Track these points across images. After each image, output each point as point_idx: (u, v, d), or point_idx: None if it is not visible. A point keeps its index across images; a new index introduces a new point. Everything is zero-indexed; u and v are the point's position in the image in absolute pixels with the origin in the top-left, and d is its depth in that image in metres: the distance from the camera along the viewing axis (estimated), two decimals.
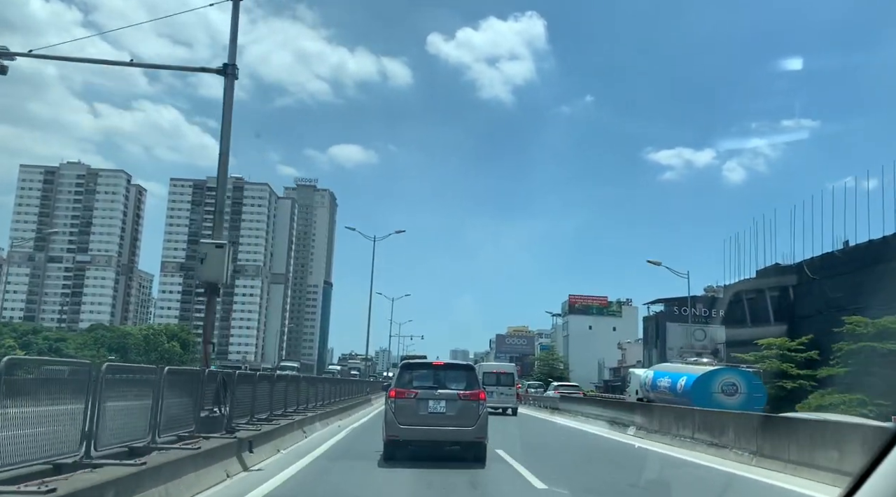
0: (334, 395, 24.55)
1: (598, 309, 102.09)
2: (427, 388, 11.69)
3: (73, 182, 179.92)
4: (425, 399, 11.45)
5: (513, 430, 21.55)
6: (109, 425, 6.73)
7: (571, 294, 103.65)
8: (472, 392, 11.61)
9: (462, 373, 12.31)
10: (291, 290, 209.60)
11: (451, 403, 11.41)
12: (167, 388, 8.21)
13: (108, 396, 6.64)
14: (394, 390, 11.72)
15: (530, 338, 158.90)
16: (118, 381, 7.21)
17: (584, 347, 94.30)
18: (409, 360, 16.92)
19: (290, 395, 16.41)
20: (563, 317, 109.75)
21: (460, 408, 11.39)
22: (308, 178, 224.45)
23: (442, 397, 11.47)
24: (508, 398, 30.86)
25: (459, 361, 17.91)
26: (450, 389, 11.65)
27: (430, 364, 13.09)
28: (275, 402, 14.41)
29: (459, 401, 11.43)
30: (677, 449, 15.78)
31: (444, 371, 12.34)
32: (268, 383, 14.39)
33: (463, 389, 11.62)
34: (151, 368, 8.57)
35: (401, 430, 11.29)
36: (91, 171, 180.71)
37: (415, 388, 11.66)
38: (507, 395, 30.80)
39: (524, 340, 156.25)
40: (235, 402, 11.13)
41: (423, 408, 11.39)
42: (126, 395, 7.32)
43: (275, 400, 14.44)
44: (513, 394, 31.42)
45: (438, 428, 11.30)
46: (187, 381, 9.73)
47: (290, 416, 15.33)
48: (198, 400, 9.64)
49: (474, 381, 12.06)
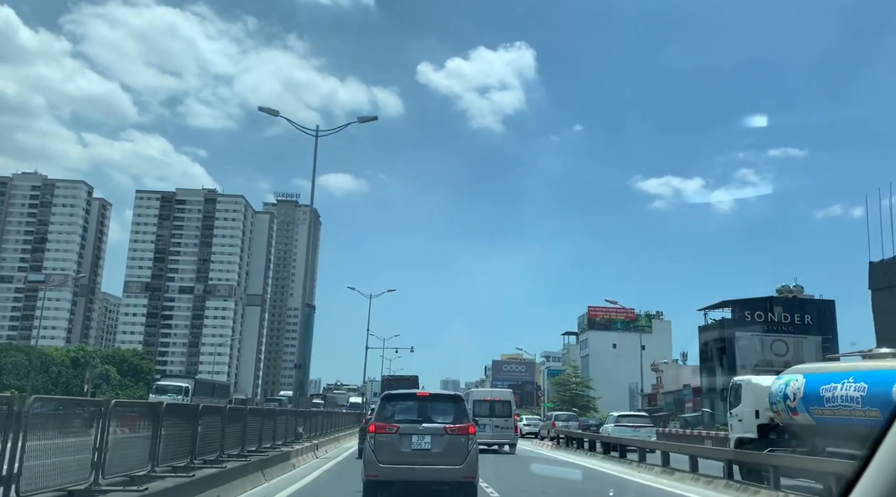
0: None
1: (623, 323, 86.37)
2: (410, 421, 10.47)
3: (26, 193, 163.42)
4: (408, 434, 10.25)
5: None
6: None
7: (591, 306, 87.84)
8: (461, 425, 10.45)
9: (450, 404, 10.98)
10: (269, 313, 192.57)
11: (436, 439, 10.26)
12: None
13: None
14: (373, 425, 10.62)
15: (530, 364, 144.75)
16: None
17: (608, 369, 78.27)
18: (392, 381, 21.77)
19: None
20: (578, 335, 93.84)
21: (447, 444, 10.26)
22: (289, 193, 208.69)
23: (427, 432, 10.30)
24: (505, 432, 26.22)
25: (446, 392, 13.59)
26: (436, 423, 10.45)
27: (413, 395, 11.93)
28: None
29: (446, 435, 10.30)
30: None
31: (430, 402, 11.06)
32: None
33: (450, 423, 10.46)
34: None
35: (381, 469, 10.12)
36: (48, 182, 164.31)
37: (397, 421, 10.46)
38: (502, 428, 26.10)
39: (523, 367, 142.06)
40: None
41: (406, 444, 10.22)
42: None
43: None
44: (510, 426, 26.76)
45: (423, 467, 10.16)
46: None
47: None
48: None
49: (463, 413, 10.83)
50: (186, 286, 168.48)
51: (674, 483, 15.48)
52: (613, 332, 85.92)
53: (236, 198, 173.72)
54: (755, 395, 19.41)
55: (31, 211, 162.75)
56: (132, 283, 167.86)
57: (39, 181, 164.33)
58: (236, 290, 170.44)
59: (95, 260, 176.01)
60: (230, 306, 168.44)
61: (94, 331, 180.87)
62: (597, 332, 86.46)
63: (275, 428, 16.43)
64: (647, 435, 34.19)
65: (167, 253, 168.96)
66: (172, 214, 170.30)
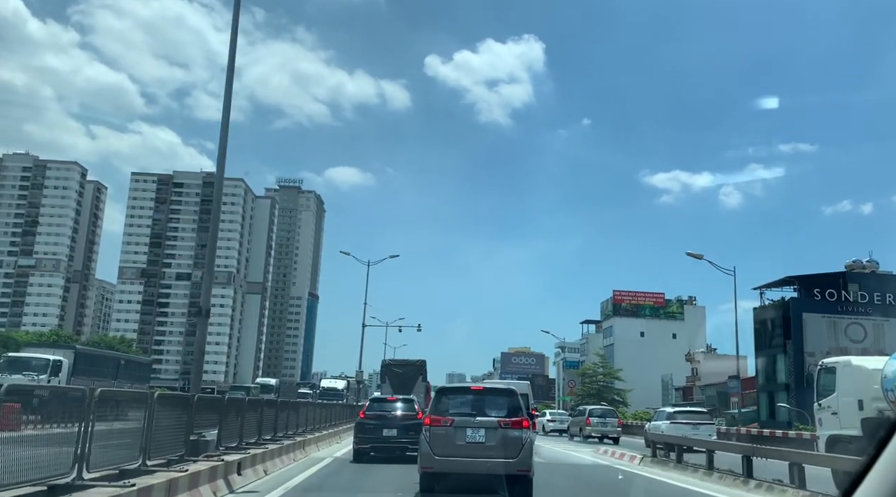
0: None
1: (652, 309, 78.50)
2: (465, 415, 10.62)
3: (17, 175, 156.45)
4: (462, 427, 10.42)
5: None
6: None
7: (616, 290, 79.88)
8: (515, 419, 10.48)
9: (504, 398, 11.01)
10: (271, 301, 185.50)
11: (490, 432, 10.37)
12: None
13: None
14: (429, 418, 10.73)
15: (540, 357, 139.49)
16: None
17: (636, 360, 70.59)
18: (393, 366, 23.03)
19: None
20: (601, 322, 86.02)
21: (501, 437, 10.34)
22: (292, 179, 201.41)
23: (481, 425, 10.41)
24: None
25: (501, 386, 13.78)
26: (489, 417, 10.55)
27: (468, 388, 12.08)
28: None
29: (500, 429, 10.38)
30: None
31: (484, 396, 11.28)
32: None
33: (504, 417, 10.51)
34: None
35: (436, 461, 10.31)
36: (39, 163, 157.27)
37: (451, 415, 10.64)
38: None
39: (533, 359, 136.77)
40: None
41: (461, 437, 10.39)
42: None
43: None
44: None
45: (477, 459, 10.29)
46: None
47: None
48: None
49: (517, 407, 10.76)
50: (184, 272, 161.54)
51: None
52: (641, 318, 78.09)
53: (236, 181, 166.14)
54: (858, 380, 14.46)
55: (22, 193, 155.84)
56: (127, 269, 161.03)
57: (30, 162, 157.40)
58: (236, 278, 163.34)
59: (90, 245, 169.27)
60: (229, 294, 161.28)
61: (89, 319, 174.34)
62: (622, 318, 78.61)
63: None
64: (708, 434, 28.80)
65: (164, 238, 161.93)
66: (170, 198, 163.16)
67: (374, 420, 16.90)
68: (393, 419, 16.94)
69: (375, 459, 16.27)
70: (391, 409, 17.71)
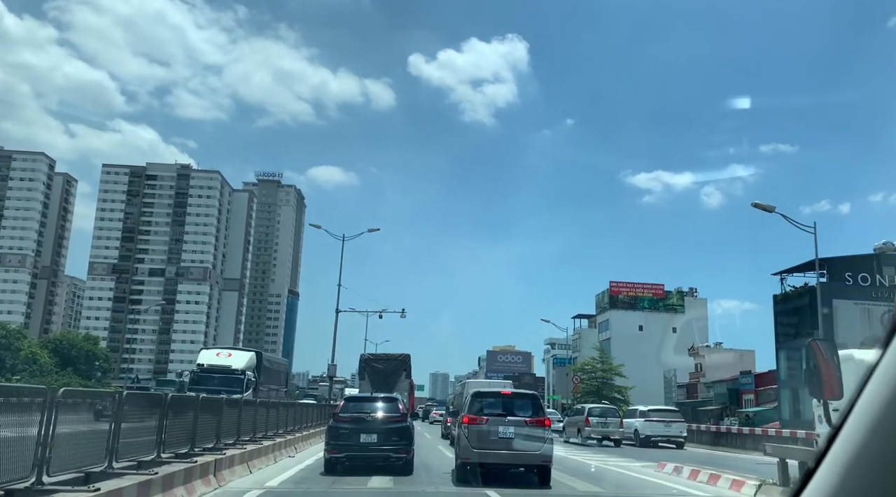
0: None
1: (650, 302, 74.16)
2: (496, 415, 12.74)
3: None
4: (495, 425, 12.49)
5: None
6: None
7: (613, 281, 75.39)
8: (538, 419, 12.76)
9: (528, 401, 13.36)
10: (249, 298, 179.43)
11: (518, 429, 12.44)
12: None
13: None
14: (467, 417, 12.78)
15: (526, 355, 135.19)
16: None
17: (634, 355, 66.12)
18: (373, 361, 24.52)
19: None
20: (596, 316, 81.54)
21: (527, 433, 12.43)
22: (270, 172, 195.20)
23: (511, 423, 12.49)
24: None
25: (526, 391, 15.83)
26: (517, 416, 12.66)
27: (498, 393, 14.40)
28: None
29: (526, 427, 12.50)
30: None
31: (512, 399, 13.42)
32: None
33: (529, 416, 12.71)
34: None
35: (474, 452, 12.31)
36: (3, 153, 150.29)
37: (485, 414, 12.73)
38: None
39: (519, 357, 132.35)
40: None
41: (494, 433, 12.42)
42: None
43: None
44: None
45: (508, 452, 12.34)
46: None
47: None
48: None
49: (539, 408, 13.23)
50: (157, 268, 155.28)
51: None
52: (639, 311, 73.71)
53: (212, 173, 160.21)
54: (861, 375, 8.86)
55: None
56: (97, 265, 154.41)
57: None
58: (211, 274, 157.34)
59: (59, 240, 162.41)
60: (205, 290, 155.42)
61: (59, 316, 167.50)
62: (620, 311, 74.17)
63: None
64: (679, 431, 29.55)
65: (136, 232, 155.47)
66: (142, 191, 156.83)
67: (350, 423, 14.22)
68: (373, 422, 14.31)
69: (351, 470, 13.90)
70: (371, 409, 14.79)
